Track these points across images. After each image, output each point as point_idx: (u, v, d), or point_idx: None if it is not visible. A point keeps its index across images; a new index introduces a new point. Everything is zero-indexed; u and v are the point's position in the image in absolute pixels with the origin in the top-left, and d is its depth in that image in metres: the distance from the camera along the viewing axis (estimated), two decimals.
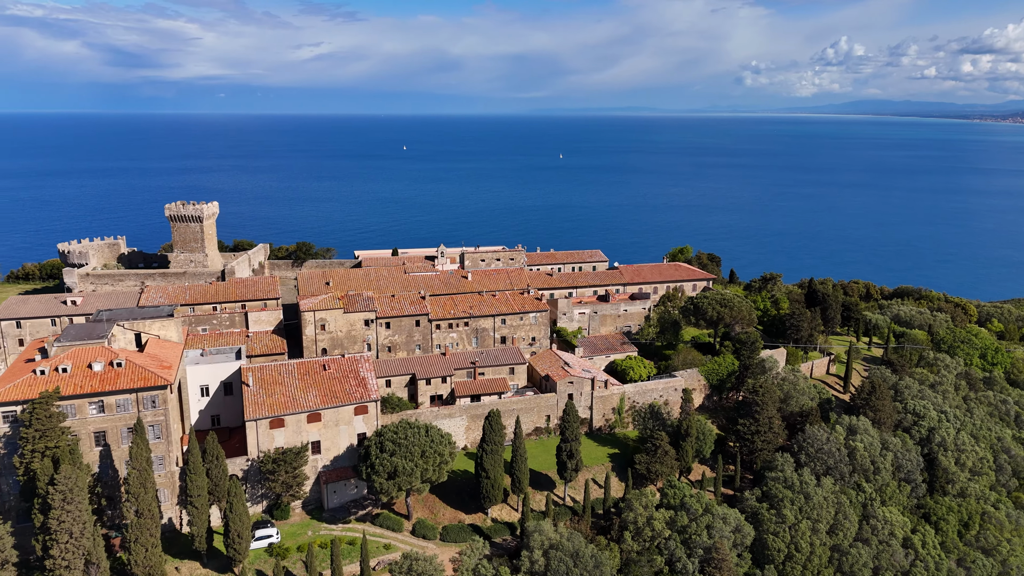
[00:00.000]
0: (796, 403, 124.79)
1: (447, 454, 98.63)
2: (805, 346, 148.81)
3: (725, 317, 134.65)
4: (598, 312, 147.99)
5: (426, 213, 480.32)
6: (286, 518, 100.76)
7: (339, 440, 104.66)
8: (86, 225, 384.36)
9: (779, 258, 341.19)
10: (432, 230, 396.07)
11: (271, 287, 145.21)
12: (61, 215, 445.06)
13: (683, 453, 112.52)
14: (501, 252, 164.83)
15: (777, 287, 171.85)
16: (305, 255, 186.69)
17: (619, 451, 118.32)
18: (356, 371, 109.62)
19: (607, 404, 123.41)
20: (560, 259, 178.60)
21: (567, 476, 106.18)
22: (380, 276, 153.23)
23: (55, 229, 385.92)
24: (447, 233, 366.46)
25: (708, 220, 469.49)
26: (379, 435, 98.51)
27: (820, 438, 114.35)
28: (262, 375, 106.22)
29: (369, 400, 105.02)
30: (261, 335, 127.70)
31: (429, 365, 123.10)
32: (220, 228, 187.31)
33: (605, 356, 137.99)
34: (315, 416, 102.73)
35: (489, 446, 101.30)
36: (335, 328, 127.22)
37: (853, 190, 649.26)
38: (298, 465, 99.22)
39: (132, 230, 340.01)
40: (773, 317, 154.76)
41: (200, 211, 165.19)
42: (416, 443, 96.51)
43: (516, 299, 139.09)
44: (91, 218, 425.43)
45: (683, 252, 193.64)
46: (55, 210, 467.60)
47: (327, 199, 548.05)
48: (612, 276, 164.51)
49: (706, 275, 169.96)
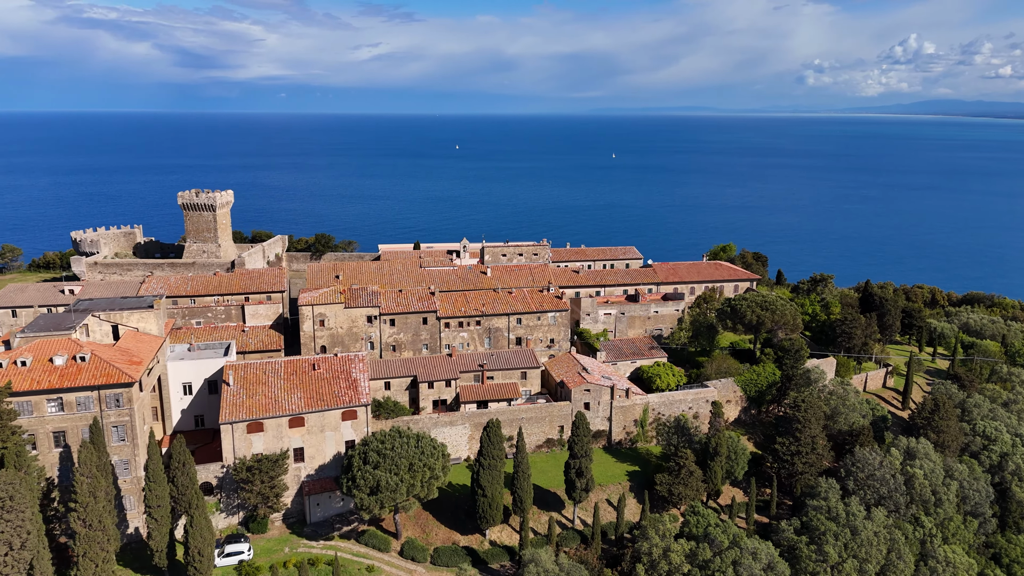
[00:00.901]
0: (845, 420, 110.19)
1: (439, 468, 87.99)
2: (858, 356, 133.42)
3: (766, 321, 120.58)
4: (625, 313, 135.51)
5: (474, 211, 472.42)
6: (263, 532, 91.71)
7: (325, 447, 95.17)
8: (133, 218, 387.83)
9: (838, 262, 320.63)
10: (476, 227, 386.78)
11: (276, 279, 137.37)
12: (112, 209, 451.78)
13: (711, 474, 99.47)
14: (524, 247, 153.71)
15: (828, 289, 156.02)
16: (324, 247, 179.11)
17: (639, 468, 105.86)
18: (348, 372, 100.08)
19: (628, 415, 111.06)
20: (590, 256, 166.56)
21: (576, 496, 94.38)
22: (394, 270, 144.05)
23: (96, 221, 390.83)
24: (492, 231, 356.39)
25: (763, 221, 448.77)
26: (365, 444, 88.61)
27: (872, 462, 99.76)
28: (245, 374, 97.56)
29: (358, 404, 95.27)
30: (257, 330, 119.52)
31: (432, 367, 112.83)
32: (260, 221, 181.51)
33: (631, 362, 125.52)
34: (297, 420, 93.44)
35: (487, 460, 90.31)
36: (335, 324, 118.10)
37: (922, 193, 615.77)
38: (276, 474, 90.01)
39: (170, 223, 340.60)
40: (822, 323, 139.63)
41: (213, 199, 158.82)
42: (404, 455, 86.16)
43: (534, 297, 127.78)
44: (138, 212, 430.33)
45: (725, 250, 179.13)
46: (104, 204, 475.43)
47: (377, 197, 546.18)
48: (644, 275, 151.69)
49: (749, 275, 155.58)
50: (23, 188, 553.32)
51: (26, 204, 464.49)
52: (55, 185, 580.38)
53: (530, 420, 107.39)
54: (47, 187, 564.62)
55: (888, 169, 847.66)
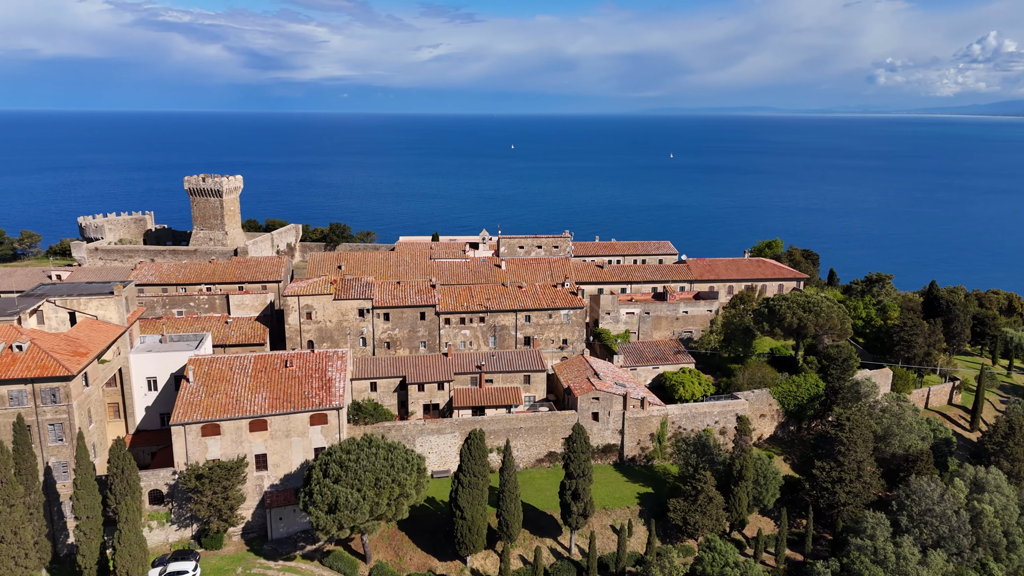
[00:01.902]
0: (899, 442, 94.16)
1: (411, 485, 76.36)
2: (919, 367, 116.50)
3: (808, 325, 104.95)
4: (650, 313, 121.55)
5: (524, 210, 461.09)
6: (218, 548, 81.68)
7: (291, 455, 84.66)
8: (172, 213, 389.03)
9: (902, 266, 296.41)
10: (523, 226, 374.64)
11: (274, 268, 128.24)
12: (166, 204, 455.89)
13: (734, 501, 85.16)
14: (543, 239, 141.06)
15: (886, 291, 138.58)
16: (339, 238, 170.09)
17: (652, 490, 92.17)
18: (324, 370, 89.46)
19: (643, 428, 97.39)
20: (619, 250, 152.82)
21: (572, 522, 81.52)
22: (401, 261, 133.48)
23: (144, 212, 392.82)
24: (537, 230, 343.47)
25: (825, 223, 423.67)
26: (329, 454, 77.66)
27: (930, 494, 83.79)
28: (209, 369, 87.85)
29: (329, 407, 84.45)
30: (242, 322, 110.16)
31: (423, 367, 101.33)
32: (304, 217, 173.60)
33: (652, 367, 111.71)
34: (259, 424, 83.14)
35: (467, 476, 78.30)
36: (324, 317, 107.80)
37: (1001, 196, 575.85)
38: (230, 484, 79.83)
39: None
40: (878, 328, 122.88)
41: (219, 184, 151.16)
42: (369, 467, 74.85)
43: (546, 292, 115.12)
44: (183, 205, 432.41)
45: (771, 247, 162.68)
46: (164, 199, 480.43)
47: (428, 195, 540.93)
48: (676, 271, 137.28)
49: (796, 274, 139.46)
50: (93, 183, 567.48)
51: (95, 199, 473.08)
52: (124, 181, 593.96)
53: (529, 430, 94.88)
54: (116, 183, 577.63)
55: (964, 172, 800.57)
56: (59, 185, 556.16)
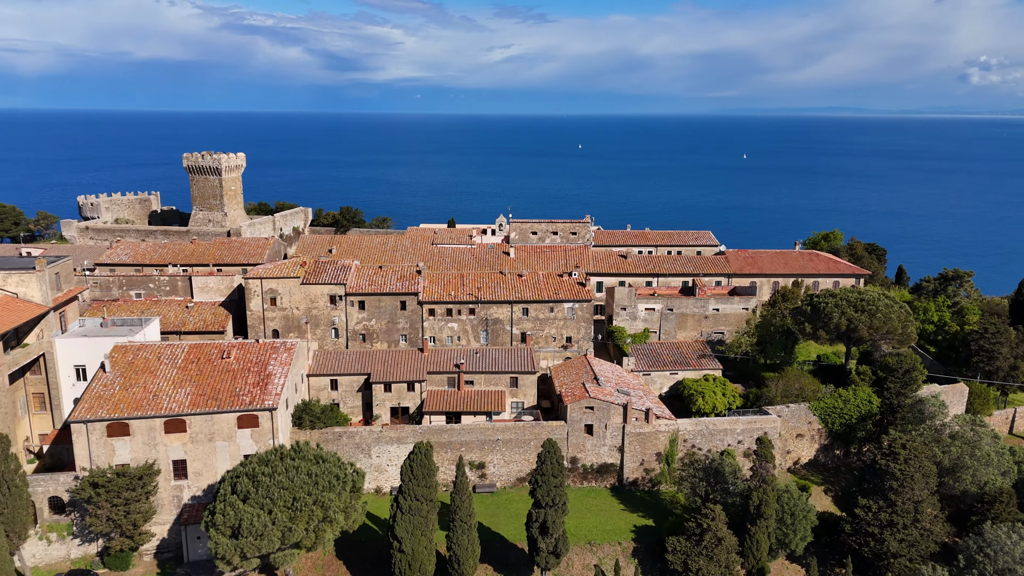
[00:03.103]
0: (972, 477, 74.61)
1: (336, 508, 62.08)
2: (1003, 383, 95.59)
3: (860, 327, 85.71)
4: (674, 309, 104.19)
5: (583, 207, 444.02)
6: (123, 568, 69.51)
7: (214, 462, 71.82)
8: None
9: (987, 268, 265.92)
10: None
11: (257, 250, 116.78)
12: None
13: (751, 543, 67.77)
14: (560, 224, 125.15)
15: (964, 291, 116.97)
16: (349, 222, 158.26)
17: (653, 522, 75.50)
18: (264, 364, 76.46)
19: (648, 446, 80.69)
20: (652, 239, 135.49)
21: (541, 562, 65.84)
22: (400, 247, 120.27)
23: None
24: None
25: (906, 226, 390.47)
26: (244, 465, 64.34)
27: (1011, 548, 64.49)
28: (133, 358, 76.04)
29: (261, 408, 71.24)
30: (204, 306, 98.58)
31: (391, 364, 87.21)
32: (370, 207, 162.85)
33: (670, 372, 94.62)
34: (177, 424, 70.58)
35: (407, 500, 63.64)
36: (290, 303, 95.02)
37: None
38: (133, 496, 67.44)
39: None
40: (952, 335, 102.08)
41: (218, 161, 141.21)
42: (287, 484, 61.09)
43: (550, 282, 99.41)
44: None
45: (828, 239, 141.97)
46: None
47: (487, 192, 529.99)
48: (712, 263, 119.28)
49: (855, 270, 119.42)
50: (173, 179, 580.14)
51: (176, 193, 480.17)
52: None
53: (508, 443, 79.55)
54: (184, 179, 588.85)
55: None
56: (143, 180, 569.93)
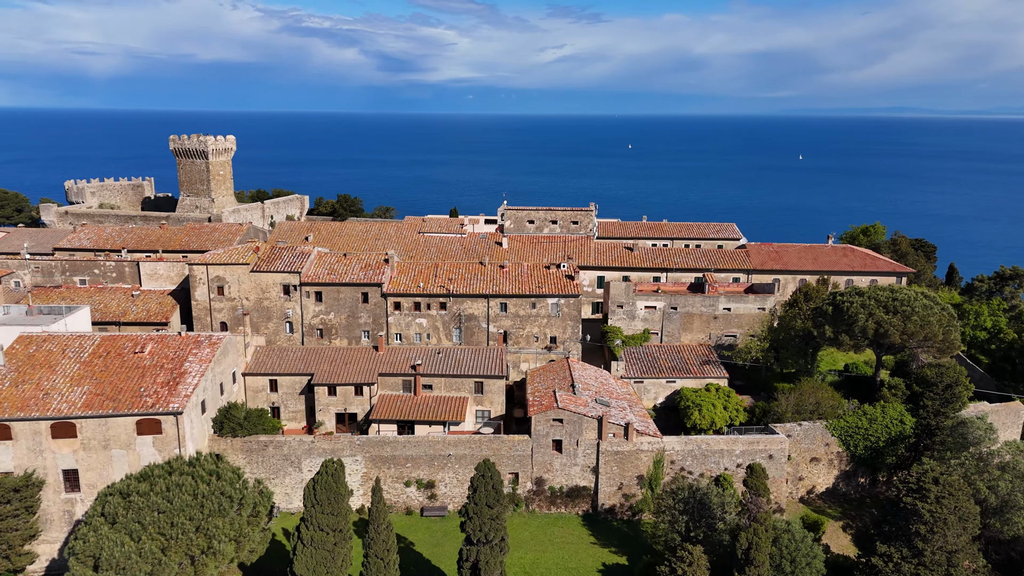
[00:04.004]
0: (1023, 519, 60.08)
1: (224, 538, 51.52)
2: None
3: (891, 331, 71.36)
4: (678, 308, 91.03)
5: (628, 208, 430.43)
6: None
7: (111, 473, 62.18)
8: None
9: None
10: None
11: (229, 236, 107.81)
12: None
13: None
14: (560, 212, 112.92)
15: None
16: (347, 211, 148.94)
17: (627, 560, 62.98)
18: (181, 360, 66.62)
19: (628, 467, 68.13)
20: (668, 232, 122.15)
21: None
22: (383, 235, 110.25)
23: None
24: None
25: (968, 230, 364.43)
26: (125, 482, 54.44)
27: None
28: (36, 351, 67.12)
29: (164, 411, 61.33)
30: (150, 295, 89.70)
31: (337, 364, 76.50)
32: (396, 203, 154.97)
33: (666, 380, 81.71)
34: (66, 428, 61.16)
35: (310, 530, 52.72)
36: (240, 293, 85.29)
37: None
38: (9, 510, 58.12)
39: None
40: (1008, 344, 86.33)
41: (204, 144, 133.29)
42: (163, 507, 50.88)
43: (534, 275, 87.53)
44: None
45: (867, 233, 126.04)
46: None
47: (530, 191, 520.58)
48: (731, 258, 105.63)
49: (897, 267, 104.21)
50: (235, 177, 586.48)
51: None
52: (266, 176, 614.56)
53: (461, 459, 68.01)
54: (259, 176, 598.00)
55: None
56: None
